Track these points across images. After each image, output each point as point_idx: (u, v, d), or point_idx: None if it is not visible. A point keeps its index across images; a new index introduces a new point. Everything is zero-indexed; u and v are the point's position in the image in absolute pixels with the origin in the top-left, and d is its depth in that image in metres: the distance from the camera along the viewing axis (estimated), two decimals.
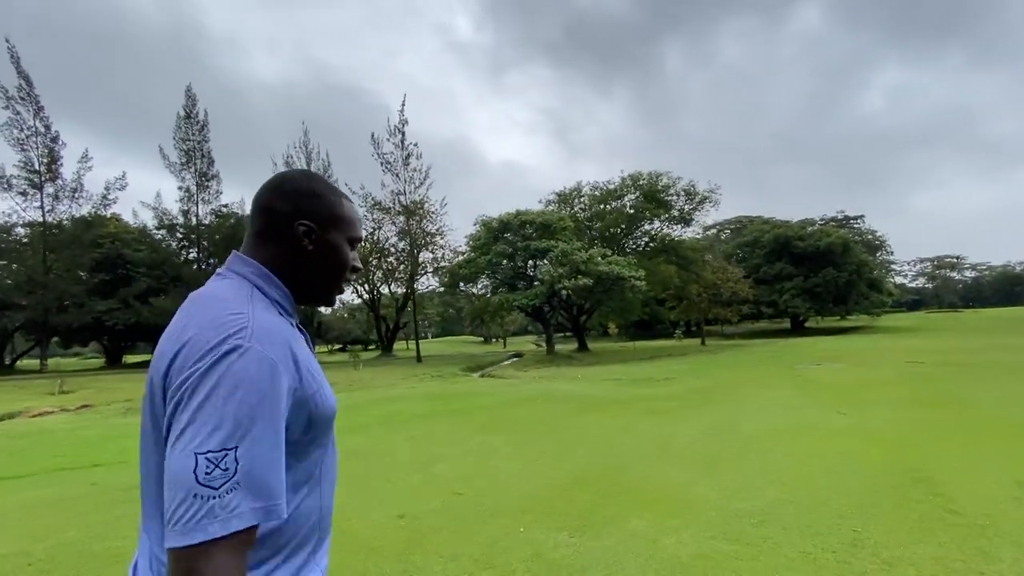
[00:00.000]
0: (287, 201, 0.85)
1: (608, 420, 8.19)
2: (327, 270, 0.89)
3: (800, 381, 12.87)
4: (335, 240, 0.88)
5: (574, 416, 8.66)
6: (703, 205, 34.30)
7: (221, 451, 0.65)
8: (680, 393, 11.56)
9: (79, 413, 12.11)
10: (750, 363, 20.44)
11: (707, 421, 7.78)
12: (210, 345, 0.70)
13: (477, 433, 7.45)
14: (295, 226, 0.85)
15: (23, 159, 23.99)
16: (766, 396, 10.43)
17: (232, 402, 0.67)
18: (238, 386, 0.68)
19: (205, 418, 0.66)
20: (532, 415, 8.93)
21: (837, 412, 8.15)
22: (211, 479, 0.64)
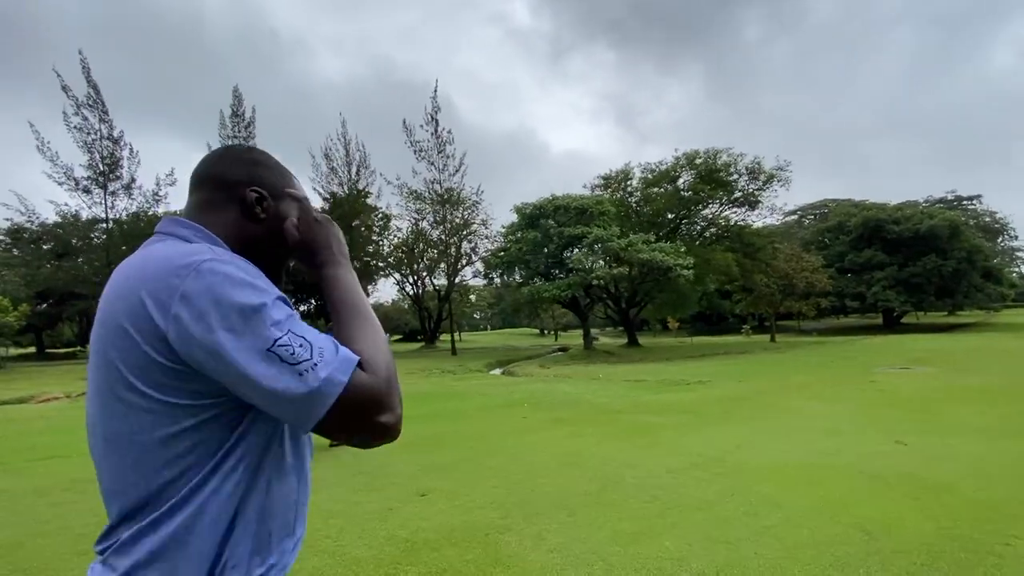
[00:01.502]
0: (239, 168, 0.82)
1: (565, 441, 6.41)
2: (276, 244, 0.82)
3: (868, 390, 10.23)
4: (285, 210, 0.83)
5: (525, 433, 6.94)
6: (770, 185, 30.38)
7: (280, 333, 0.64)
8: (699, 402, 9.42)
9: (73, 400, 12.04)
10: (815, 365, 17.37)
11: (697, 448, 5.78)
12: (181, 269, 0.64)
13: (390, 453, 5.97)
14: (247, 191, 0.80)
15: (89, 160, 25.67)
16: (809, 411, 8.10)
17: (242, 291, 0.64)
18: (231, 279, 0.64)
19: (234, 321, 0.63)
20: (482, 430, 7.31)
21: (896, 441, 5.82)
22: (297, 355, 0.63)
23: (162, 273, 0.65)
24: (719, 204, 32.34)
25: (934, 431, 6.26)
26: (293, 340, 0.64)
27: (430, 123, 28.48)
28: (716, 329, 62.83)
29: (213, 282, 0.64)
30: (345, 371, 0.64)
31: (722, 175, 30.30)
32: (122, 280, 0.68)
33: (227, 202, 0.80)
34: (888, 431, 6.39)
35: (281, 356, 0.63)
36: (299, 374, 0.62)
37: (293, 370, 0.63)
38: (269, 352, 0.63)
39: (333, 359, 0.64)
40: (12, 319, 17.76)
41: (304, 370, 0.63)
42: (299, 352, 0.63)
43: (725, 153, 30.04)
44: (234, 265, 0.67)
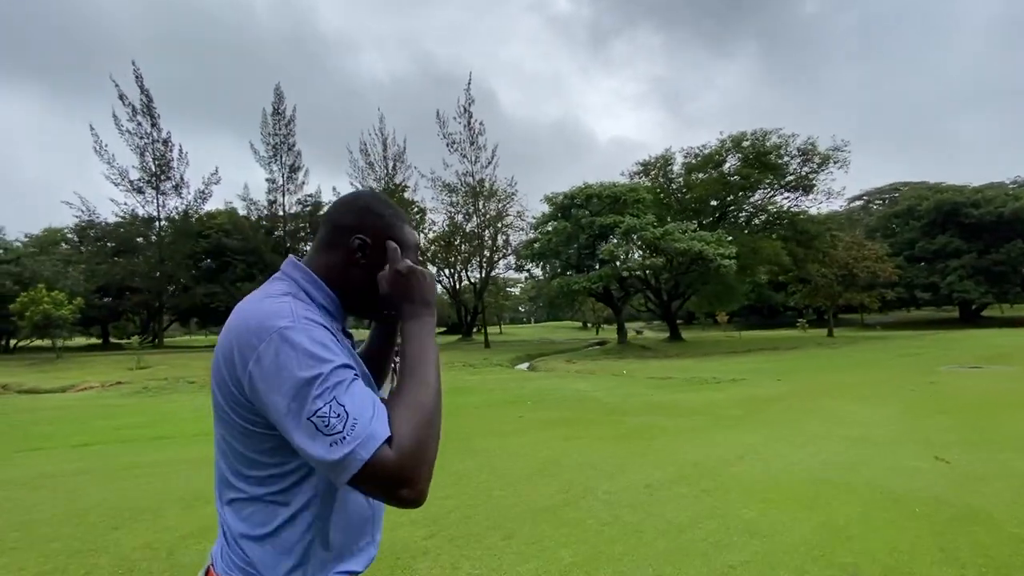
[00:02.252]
0: (351, 215, 0.90)
1: (550, 445, 5.89)
2: (371, 286, 0.89)
3: (923, 392, 9.08)
4: (385, 261, 0.90)
5: (512, 435, 6.47)
6: (825, 167, 28.05)
7: (312, 378, 0.71)
8: (720, 403, 8.61)
9: (104, 389, 12.62)
10: (869, 362, 15.85)
11: (694, 457, 5.13)
12: (262, 332, 0.74)
13: None
14: (351, 239, 0.88)
15: (142, 162, 27.28)
16: (844, 415, 7.19)
17: (302, 362, 0.71)
18: (296, 349, 0.72)
19: (287, 389, 0.71)
20: (469, 429, 6.88)
21: (936, 457, 4.93)
22: (332, 427, 0.70)
23: (252, 330, 0.75)
24: (769, 189, 30.27)
25: (987, 444, 5.29)
26: (332, 411, 0.70)
27: (463, 115, 28.25)
28: (771, 323, 59.72)
29: (280, 350, 0.72)
30: (368, 448, 0.69)
31: (772, 158, 28.26)
32: (234, 322, 0.79)
33: (337, 246, 0.88)
34: (930, 442, 5.47)
35: (317, 426, 0.70)
36: (329, 444, 0.69)
37: (325, 440, 0.70)
38: (308, 421, 0.70)
39: (362, 434, 0.70)
40: (67, 312, 19.09)
41: (333, 442, 0.69)
42: (333, 423, 0.70)
43: (775, 134, 27.98)
44: (306, 334, 0.74)
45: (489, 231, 31.53)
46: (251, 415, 0.77)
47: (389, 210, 0.92)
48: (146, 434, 7.03)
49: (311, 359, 0.72)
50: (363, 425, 0.70)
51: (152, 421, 7.99)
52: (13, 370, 16.93)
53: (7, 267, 21.81)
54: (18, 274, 21.63)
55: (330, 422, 0.69)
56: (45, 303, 18.73)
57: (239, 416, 0.78)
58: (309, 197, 30.87)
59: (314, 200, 31.01)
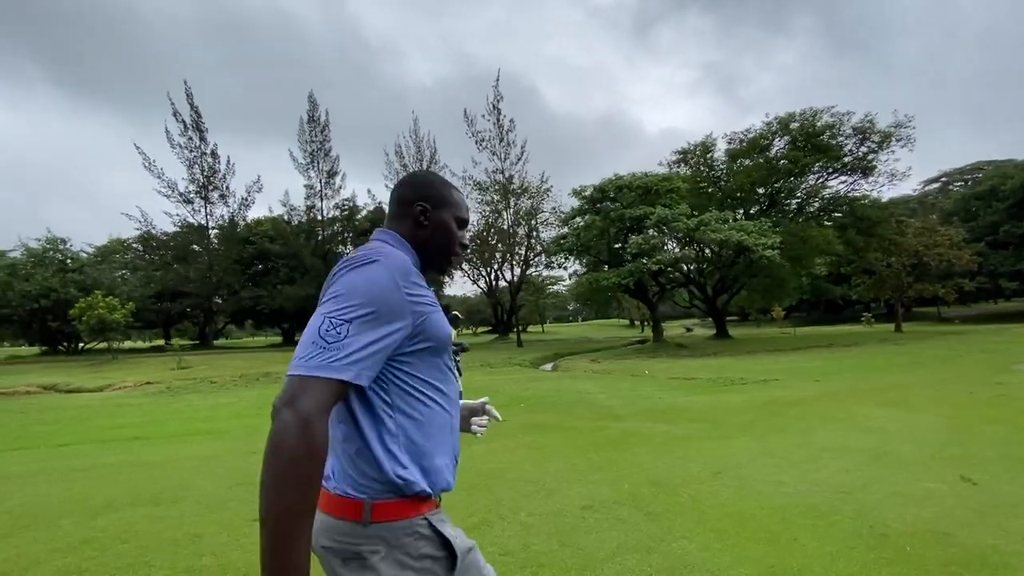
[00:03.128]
0: (410, 189, 1.09)
1: (504, 454, 5.38)
2: (438, 240, 1.08)
3: (982, 395, 7.84)
4: (444, 217, 1.08)
5: (474, 442, 5.95)
6: (886, 146, 25.50)
7: (342, 321, 0.84)
8: (731, 408, 7.75)
9: (134, 389, 13.20)
10: (930, 360, 14.15)
11: (663, 472, 4.47)
12: (357, 257, 0.92)
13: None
14: (414, 206, 1.07)
15: (191, 174, 28.88)
16: (872, 422, 6.24)
17: (360, 290, 0.87)
18: (369, 280, 0.88)
19: (340, 296, 0.87)
20: None
21: (963, 477, 4.04)
22: (327, 335, 0.83)
23: (350, 257, 0.93)
24: (822, 173, 27.93)
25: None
26: (337, 328, 0.85)
27: (492, 112, 27.95)
28: (835, 318, 55.79)
29: (363, 266, 0.92)
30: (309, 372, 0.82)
31: (824, 139, 26.03)
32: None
33: (406, 215, 1.08)
34: (964, 458, 4.52)
35: (321, 327, 0.86)
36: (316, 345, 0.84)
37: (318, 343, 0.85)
38: (321, 315, 0.87)
39: (311, 362, 0.82)
40: (119, 316, 20.40)
41: (320, 345, 0.84)
42: (331, 333, 0.85)
43: (827, 113, 25.73)
44: (383, 267, 0.91)
45: (523, 228, 31.06)
46: None
47: (438, 179, 1.13)
48: (128, 434, 7.11)
49: (368, 287, 0.90)
50: (323, 356, 0.83)
51: (146, 422, 8.14)
52: (71, 370, 18.24)
53: (72, 276, 23.68)
54: (81, 282, 23.42)
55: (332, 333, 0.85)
56: (100, 308, 20.10)
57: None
58: (347, 201, 31.65)
59: (351, 204, 31.76)
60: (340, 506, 0.91)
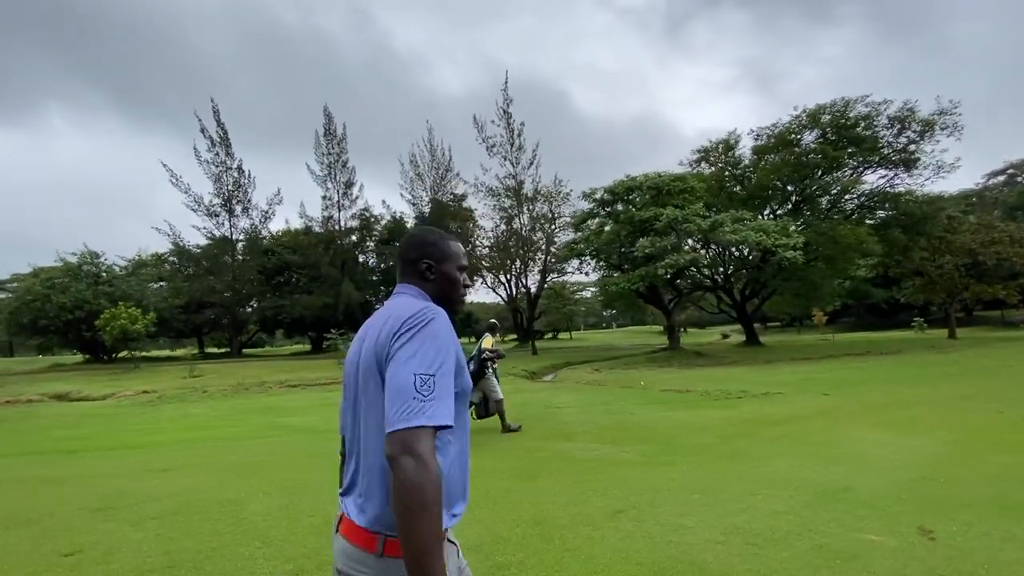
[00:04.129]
0: (414, 249, 1.23)
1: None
2: (444, 291, 1.23)
3: (1008, 419, 6.76)
4: (446, 269, 1.23)
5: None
6: (929, 136, 23.40)
7: (429, 375, 0.95)
8: (707, 425, 6.92)
9: (133, 397, 13.39)
10: (975, 372, 12.63)
11: (548, 510, 3.82)
12: (416, 316, 1.02)
13: (130, 477, 4.99)
14: (419, 264, 1.22)
15: (216, 189, 29.86)
16: (850, 448, 5.38)
17: (435, 347, 0.98)
18: (438, 337, 1.00)
19: (421, 355, 0.97)
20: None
21: (921, 529, 3.20)
22: (423, 391, 0.94)
23: (411, 311, 1.05)
24: (859, 167, 25.94)
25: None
26: (427, 383, 0.96)
27: (502, 117, 27.57)
28: (886, 323, 52.10)
29: (430, 324, 1.03)
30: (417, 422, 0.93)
31: (858, 131, 24.17)
32: (385, 315, 1.10)
33: (413, 272, 1.22)
34: (937, 501, 3.65)
35: (415, 384, 0.96)
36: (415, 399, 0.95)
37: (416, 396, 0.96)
38: (409, 372, 0.97)
39: (416, 415, 0.93)
40: (141, 326, 21.14)
41: (420, 399, 0.95)
42: (424, 389, 0.95)
43: (860, 103, 23.87)
44: (443, 324, 1.04)
45: (539, 234, 30.44)
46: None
47: (436, 235, 1.26)
48: (66, 447, 7.00)
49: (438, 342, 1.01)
50: (421, 407, 0.94)
51: (96, 433, 8.07)
52: (91, 378, 18.96)
53: (103, 288, 24.83)
54: (111, 293, 24.51)
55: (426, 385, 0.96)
56: (123, 319, 20.89)
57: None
58: (364, 211, 31.98)
59: (368, 214, 32.09)
60: (358, 535, 1.02)
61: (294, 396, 12.74)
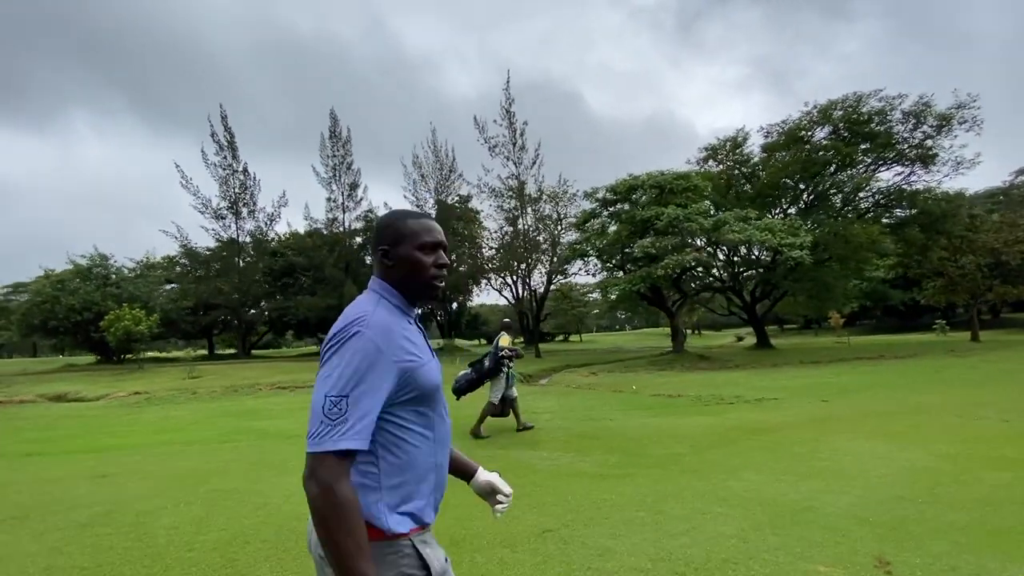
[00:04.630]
0: (373, 238, 1.19)
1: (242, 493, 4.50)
2: (407, 276, 1.14)
3: (1016, 428, 6.16)
4: (405, 251, 1.14)
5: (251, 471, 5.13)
6: (947, 130, 22.48)
7: (338, 396, 0.96)
8: (685, 434, 6.53)
9: (126, 398, 13.39)
10: (987, 377, 11.98)
11: (474, 527, 3.49)
12: (342, 331, 1.02)
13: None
14: (377, 252, 1.17)
15: (223, 191, 30.08)
16: (832, 462, 4.97)
17: (352, 365, 0.98)
18: (356, 353, 0.98)
19: (334, 374, 0.97)
20: (222, 464, 5.71)
21: (879, 562, 2.80)
22: (330, 414, 0.95)
23: (341, 323, 1.05)
24: (872, 164, 25.06)
25: (1008, 538, 2.95)
26: (337, 404, 0.97)
27: (505, 116, 27.28)
28: (910, 325, 50.56)
29: (350, 340, 1.02)
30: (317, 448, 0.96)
31: (872, 126, 23.34)
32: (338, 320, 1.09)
33: (377, 261, 1.17)
34: (906, 524, 3.24)
35: (324, 407, 0.97)
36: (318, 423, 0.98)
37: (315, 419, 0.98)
38: (322, 394, 0.98)
39: (322, 439, 0.96)
40: (144, 328, 21.32)
41: (326, 423, 0.97)
42: (333, 411, 0.97)
43: (873, 97, 23.04)
44: (367, 338, 1.01)
45: (544, 235, 30.04)
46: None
47: (394, 216, 1.18)
48: (25, 450, 6.88)
49: (359, 356, 1.00)
50: (326, 432, 0.96)
51: (65, 436, 7.97)
52: (94, 379, 19.14)
53: (111, 289, 25.17)
54: (118, 295, 24.82)
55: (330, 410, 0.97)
56: (126, 320, 21.09)
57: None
58: (368, 213, 31.93)
59: (372, 216, 32.05)
60: None
61: (280, 398, 12.60)
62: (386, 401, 1.01)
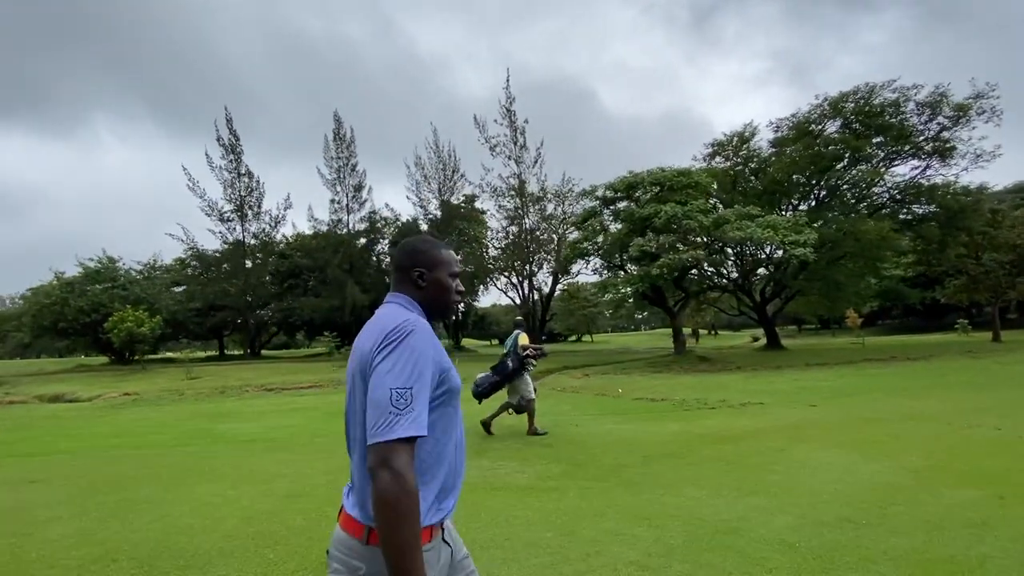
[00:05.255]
0: (406, 258, 1.25)
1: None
2: (436, 297, 1.25)
3: (1003, 438, 5.68)
4: (438, 276, 1.24)
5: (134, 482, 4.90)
6: (965, 122, 21.48)
7: (405, 388, 0.99)
8: (643, 442, 6.15)
9: (117, 399, 13.46)
10: (996, 381, 11.36)
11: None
12: (397, 330, 1.06)
13: None
14: (412, 272, 1.24)
15: (229, 194, 30.36)
16: (778, 475, 4.57)
17: (412, 361, 1.02)
18: (415, 351, 1.03)
19: (398, 369, 1.01)
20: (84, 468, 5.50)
21: None
22: (398, 404, 0.98)
23: (393, 324, 1.09)
24: (888, 158, 24.10)
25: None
26: (404, 396, 1.00)
27: (505, 115, 26.99)
28: (933, 325, 48.92)
29: (407, 338, 1.06)
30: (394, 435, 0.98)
31: (885, 118, 22.43)
32: (377, 326, 1.12)
33: (406, 279, 1.24)
34: (839, 555, 2.87)
35: (391, 398, 1.00)
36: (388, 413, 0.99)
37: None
38: (386, 387, 1.00)
39: (393, 428, 0.98)
40: (147, 329, 21.59)
41: (395, 413, 0.99)
42: (400, 402, 0.99)
43: (887, 88, 22.13)
44: (421, 338, 1.07)
45: (548, 234, 29.70)
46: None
47: (428, 243, 1.28)
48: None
49: (416, 357, 1.05)
50: (392, 424, 0.97)
51: (35, 436, 7.96)
52: (97, 379, 19.43)
53: (118, 291, 25.59)
54: (125, 296, 25.23)
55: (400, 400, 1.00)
56: (128, 322, 21.38)
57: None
58: (373, 214, 31.96)
59: (376, 217, 32.10)
60: (349, 524, 1.09)
61: (262, 401, 12.53)
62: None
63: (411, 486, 0.94)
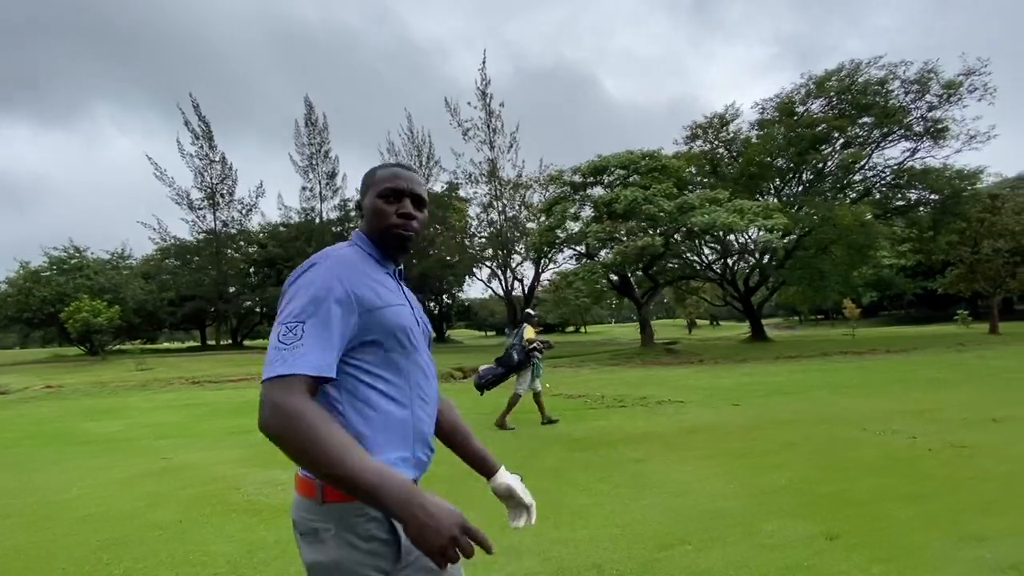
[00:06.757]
0: (361, 190, 1.17)
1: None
2: (372, 223, 1.10)
3: (918, 448, 4.83)
4: (370, 201, 1.11)
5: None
6: (955, 99, 20.18)
7: (296, 323, 0.90)
8: (506, 450, 5.30)
9: (25, 394, 12.89)
10: (979, 377, 10.45)
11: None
12: (297, 269, 1.00)
13: None
14: (357, 207, 1.19)
15: (198, 182, 29.75)
16: (627, 488, 3.68)
17: (307, 293, 0.93)
18: (313, 283, 0.94)
19: (292, 305, 0.93)
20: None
21: None
22: (285, 339, 0.89)
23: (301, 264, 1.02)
24: (874, 138, 22.84)
25: None
26: (293, 330, 0.90)
27: (480, 98, 25.99)
28: (939, 316, 47.53)
29: (307, 272, 0.98)
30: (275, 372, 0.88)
31: (871, 98, 21.17)
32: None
33: (361, 212, 1.16)
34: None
35: (279, 334, 0.91)
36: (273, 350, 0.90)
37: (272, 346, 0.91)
38: (277, 324, 0.93)
39: (274, 366, 0.88)
40: (103, 320, 21.08)
41: (280, 349, 0.89)
42: (288, 337, 0.90)
43: (873, 65, 20.86)
44: (324, 268, 0.97)
45: (528, 223, 28.75)
46: None
47: (368, 171, 1.16)
48: None
49: (315, 286, 0.94)
50: (280, 359, 0.88)
51: None
52: (46, 370, 18.99)
53: (82, 281, 25.13)
54: (90, 286, 24.76)
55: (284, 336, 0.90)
56: (84, 312, 20.89)
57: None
58: (346, 202, 31.23)
59: (350, 205, 31.35)
60: (302, 485, 1.00)
61: (171, 395, 11.87)
62: (350, 343, 0.96)
63: (291, 407, 0.83)
